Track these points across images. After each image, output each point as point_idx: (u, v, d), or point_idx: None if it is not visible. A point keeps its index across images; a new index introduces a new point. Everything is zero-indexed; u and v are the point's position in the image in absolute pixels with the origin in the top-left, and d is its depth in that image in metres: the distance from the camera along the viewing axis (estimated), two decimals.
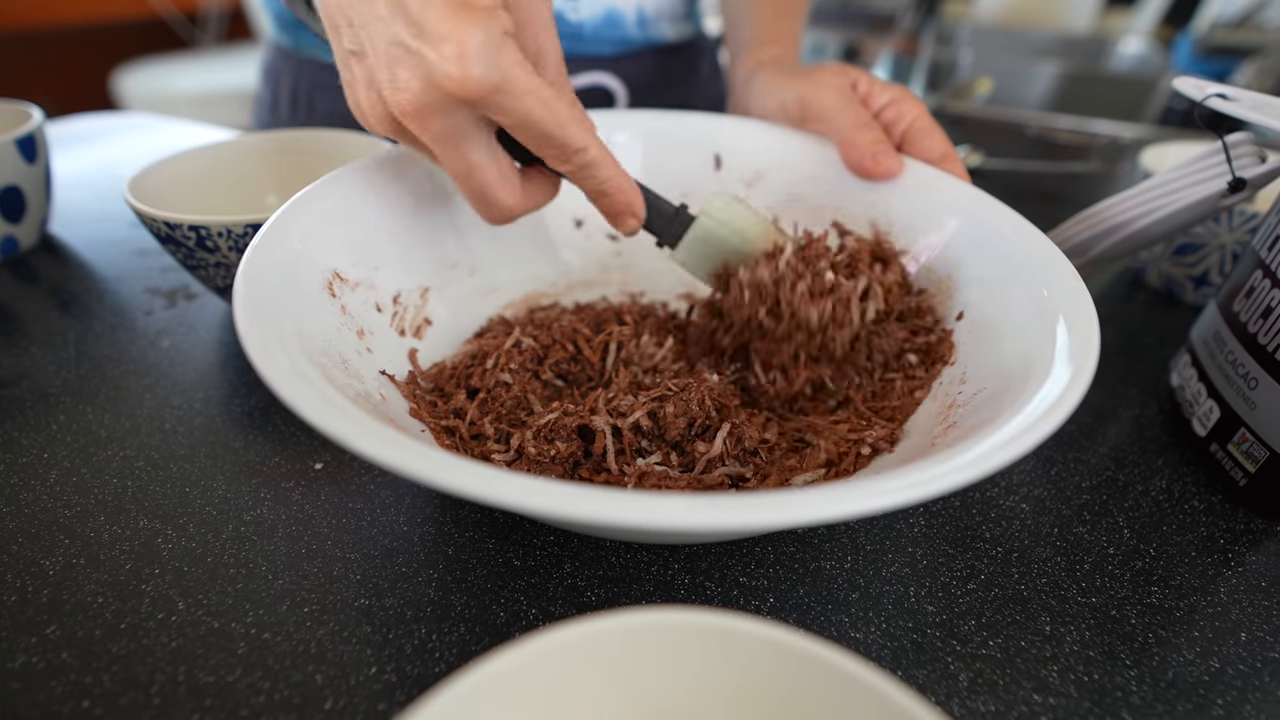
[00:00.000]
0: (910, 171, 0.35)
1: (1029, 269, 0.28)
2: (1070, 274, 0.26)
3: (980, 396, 0.26)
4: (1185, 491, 0.32)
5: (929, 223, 0.34)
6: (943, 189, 0.34)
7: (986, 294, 0.30)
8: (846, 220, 0.37)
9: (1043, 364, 0.23)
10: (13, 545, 0.27)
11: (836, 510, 0.16)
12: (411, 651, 0.24)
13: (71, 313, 0.43)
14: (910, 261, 0.34)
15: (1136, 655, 0.25)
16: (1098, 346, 0.22)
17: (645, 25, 0.57)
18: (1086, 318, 0.24)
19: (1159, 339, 0.42)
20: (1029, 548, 0.29)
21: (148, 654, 0.23)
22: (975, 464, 0.18)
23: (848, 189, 0.37)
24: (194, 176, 0.44)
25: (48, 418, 0.34)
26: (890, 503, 0.17)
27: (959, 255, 0.33)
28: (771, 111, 0.40)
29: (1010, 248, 0.30)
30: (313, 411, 0.18)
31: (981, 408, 0.25)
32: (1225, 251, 0.43)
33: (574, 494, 0.17)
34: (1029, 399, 0.21)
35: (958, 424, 0.25)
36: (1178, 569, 0.28)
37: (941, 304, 0.32)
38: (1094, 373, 0.21)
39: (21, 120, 0.49)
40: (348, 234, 0.31)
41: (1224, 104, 0.30)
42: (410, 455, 0.17)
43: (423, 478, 0.17)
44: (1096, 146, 0.78)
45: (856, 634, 0.25)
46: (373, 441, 0.17)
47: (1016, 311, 0.28)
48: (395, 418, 0.27)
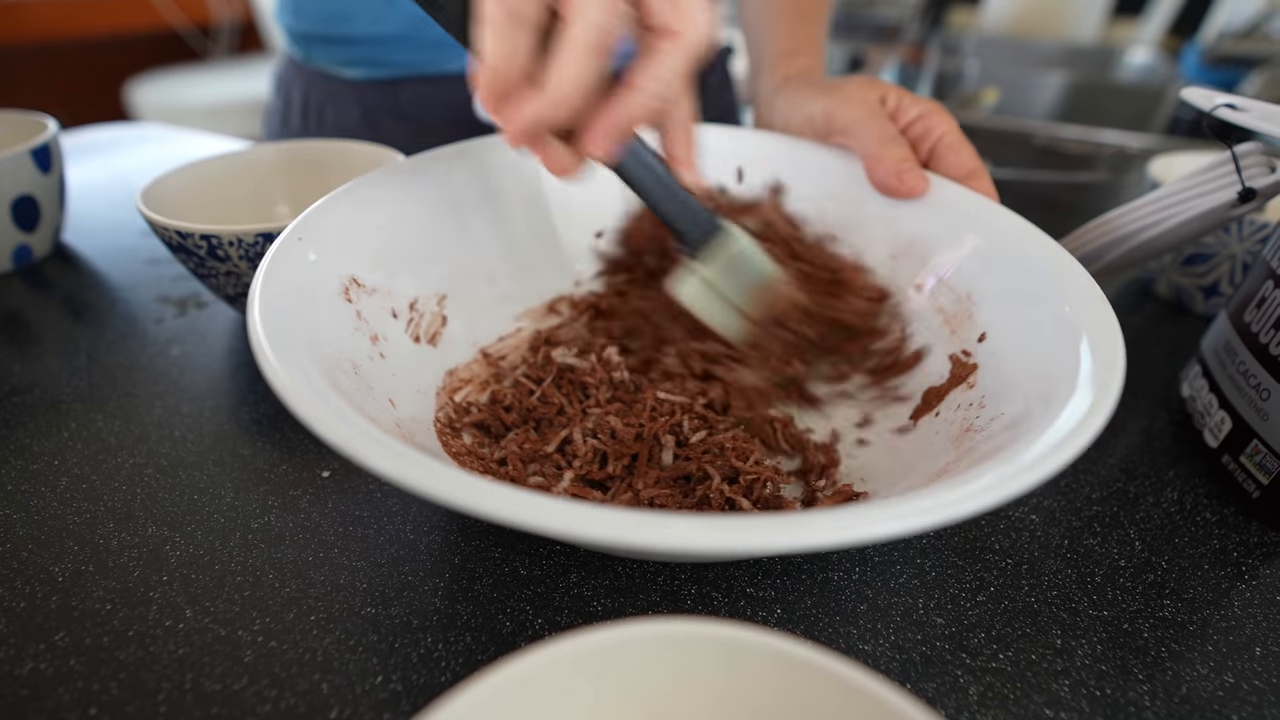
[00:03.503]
0: (935, 189, 0.35)
1: (1053, 290, 0.27)
2: (1098, 298, 0.25)
3: (999, 422, 0.25)
4: (1197, 504, 0.31)
5: (950, 239, 0.34)
6: (966, 207, 0.33)
7: (1008, 314, 0.29)
8: (868, 237, 0.37)
9: (1065, 390, 0.22)
10: (22, 551, 0.27)
11: (838, 537, 0.16)
12: (417, 660, 0.24)
13: (84, 321, 0.43)
14: (929, 276, 0.34)
15: (1149, 670, 0.24)
16: (1122, 374, 0.22)
17: None
18: (1112, 342, 0.23)
19: (1168, 349, 0.42)
20: (1039, 560, 0.28)
21: (155, 661, 0.23)
22: (985, 493, 0.18)
23: (870, 205, 0.37)
24: (205, 186, 0.44)
25: (59, 425, 0.34)
26: (889, 531, 0.17)
27: (980, 274, 0.32)
28: (798, 126, 0.39)
29: (1034, 267, 0.29)
30: (330, 432, 0.19)
31: (1000, 433, 0.24)
32: (1235, 261, 0.43)
33: (613, 518, 0.16)
34: (1048, 426, 0.20)
35: (974, 449, 0.25)
36: (1190, 582, 0.28)
37: (961, 324, 0.32)
38: (1117, 401, 0.21)
39: (37, 131, 0.50)
40: (367, 240, 0.31)
41: (1233, 114, 0.30)
42: (428, 475, 0.17)
43: (440, 498, 0.17)
44: (1104, 156, 0.78)
45: (865, 646, 0.25)
46: (392, 463, 0.18)
47: (1038, 334, 0.27)
48: (402, 422, 0.27)
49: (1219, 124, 0.31)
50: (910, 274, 0.35)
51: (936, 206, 0.35)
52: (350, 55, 0.55)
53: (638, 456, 0.29)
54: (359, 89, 0.56)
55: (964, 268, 0.33)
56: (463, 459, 0.28)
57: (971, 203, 0.34)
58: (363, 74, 0.56)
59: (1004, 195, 0.34)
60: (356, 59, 0.55)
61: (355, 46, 0.54)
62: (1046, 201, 0.65)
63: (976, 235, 0.33)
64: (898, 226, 0.36)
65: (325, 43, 0.56)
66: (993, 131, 0.87)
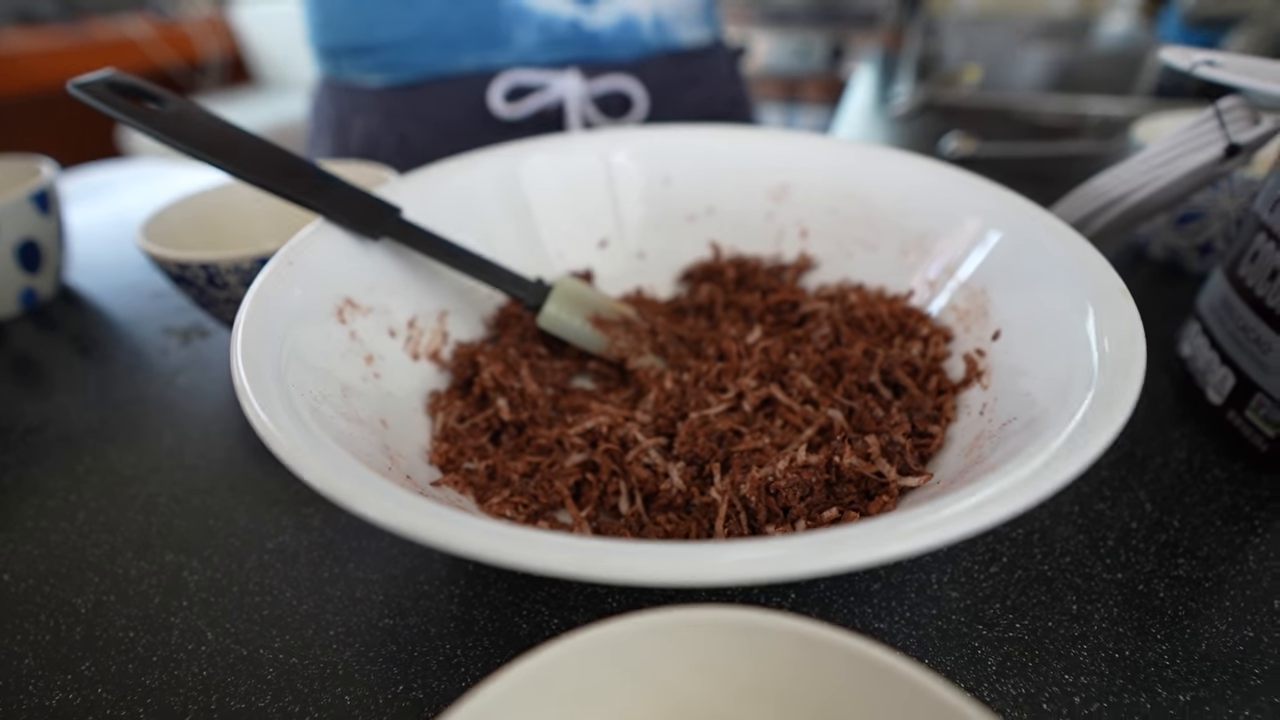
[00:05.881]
0: (941, 179, 0.34)
1: (1069, 283, 0.26)
2: (1118, 290, 0.24)
3: (1012, 426, 0.24)
4: (1205, 461, 0.31)
5: (959, 230, 0.33)
6: (976, 196, 0.33)
7: (1021, 310, 0.28)
8: (877, 233, 0.37)
9: (1079, 391, 0.21)
10: (45, 586, 0.28)
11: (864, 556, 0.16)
12: (437, 668, 0.24)
13: (91, 358, 0.44)
14: (941, 271, 0.34)
15: (1167, 629, 0.24)
16: (1142, 373, 0.21)
17: (661, 30, 0.58)
18: (1131, 339, 0.22)
19: (1164, 312, 0.42)
20: (1050, 527, 0.28)
21: (180, 685, 0.24)
22: (990, 505, 0.17)
23: (878, 202, 0.37)
24: (203, 218, 0.45)
25: (73, 460, 0.34)
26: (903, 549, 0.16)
27: (994, 269, 0.31)
28: None
29: (1050, 261, 0.28)
30: (309, 473, 0.18)
31: (1011, 437, 0.23)
32: (1228, 218, 0.43)
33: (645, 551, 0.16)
34: (1060, 432, 0.20)
35: (984, 458, 0.23)
36: (1204, 540, 0.28)
37: (975, 321, 0.31)
38: (1135, 401, 0.20)
39: (35, 175, 0.50)
40: (362, 261, 0.31)
41: (1212, 70, 0.30)
42: (416, 517, 0.17)
43: (429, 541, 0.17)
44: (1089, 125, 0.78)
45: (880, 624, 0.25)
46: (372, 505, 0.17)
47: (1054, 330, 0.26)
48: (391, 445, 0.27)
49: (1205, 82, 0.31)
50: (920, 268, 0.35)
51: (944, 200, 0.34)
52: (374, 61, 0.57)
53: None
54: (381, 95, 0.58)
55: (979, 263, 0.32)
56: (459, 485, 0.28)
57: (984, 193, 0.33)
58: (384, 79, 0.58)
59: (992, 171, 0.34)
60: (379, 64, 0.57)
61: (378, 52, 0.56)
62: (1035, 174, 0.65)
63: (991, 226, 0.32)
64: (905, 221, 0.36)
65: (352, 53, 0.58)
66: (977, 109, 0.87)
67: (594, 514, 0.28)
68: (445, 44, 0.55)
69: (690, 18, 0.60)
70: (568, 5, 0.54)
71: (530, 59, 0.55)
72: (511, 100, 0.55)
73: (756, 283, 0.38)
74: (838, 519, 0.24)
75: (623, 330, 0.35)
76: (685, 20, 0.59)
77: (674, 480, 0.27)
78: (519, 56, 0.55)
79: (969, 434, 0.27)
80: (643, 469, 0.28)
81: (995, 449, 0.23)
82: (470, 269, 0.33)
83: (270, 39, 2.27)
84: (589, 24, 0.55)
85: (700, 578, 0.16)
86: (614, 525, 0.27)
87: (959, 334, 0.32)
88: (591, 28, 0.55)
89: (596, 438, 0.30)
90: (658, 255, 0.42)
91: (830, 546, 0.16)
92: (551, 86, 0.54)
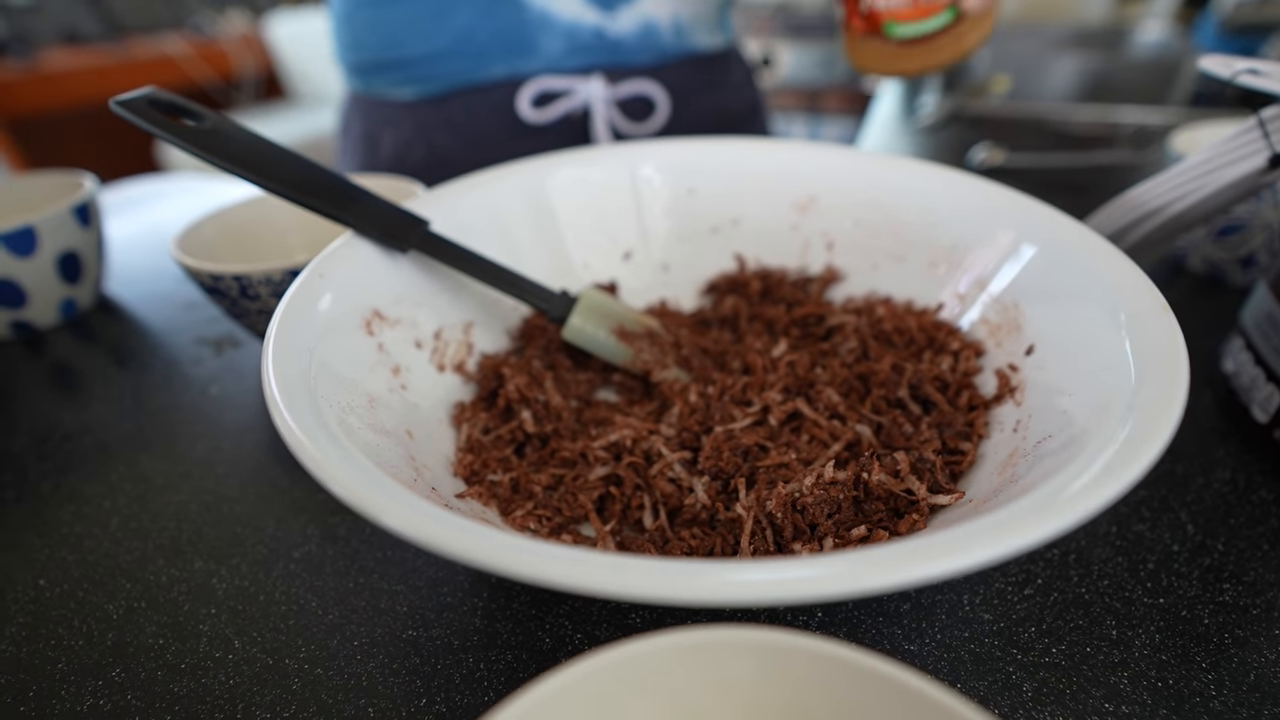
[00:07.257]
0: (970, 190, 0.34)
1: (1107, 297, 0.25)
2: (1159, 305, 0.24)
3: (1047, 444, 0.23)
4: (1251, 482, 0.30)
5: (990, 241, 0.33)
6: (1008, 208, 0.32)
7: (1056, 325, 0.28)
8: (905, 245, 0.36)
9: (1119, 410, 0.21)
10: (78, 592, 0.28)
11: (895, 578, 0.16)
12: (460, 681, 0.24)
13: (128, 367, 0.45)
14: (979, 291, 0.33)
15: (1213, 657, 0.23)
16: (1185, 390, 0.20)
17: (681, 35, 0.59)
18: (1172, 356, 0.21)
19: (1205, 325, 0.40)
20: (1086, 548, 0.27)
21: (207, 693, 0.24)
22: (1028, 526, 0.16)
23: (906, 214, 0.36)
24: (236, 231, 0.46)
25: (108, 468, 0.35)
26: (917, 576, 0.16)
27: (1027, 282, 0.30)
28: None
29: (1085, 274, 0.27)
30: (341, 488, 0.18)
31: (1048, 456, 0.22)
32: (1271, 230, 0.41)
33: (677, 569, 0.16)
34: (1100, 451, 0.19)
35: (1019, 477, 0.23)
36: (1250, 564, 0.26)
37: (1008, 335, 0.30)
38: (1180, 418, 0.19)
39: (77, 189, 0.52)
40: (390, 274, 0.32)
41: (1255, 79, 0.29)
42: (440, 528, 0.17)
43: (443, 551, 0.17)
44: (1123, 135, 0.76)
45: (910, 646, 0.24)
46: (404, 520, 0.17)
47: (1090, 346, 0.25)
48: (417, 456, 0.27)
49: (1243, 91, 0.30)
50: (950, 281, 0.34)
51: (974, 211, 0.34)
52: (403, 76, 0.58)
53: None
54: (411, 108, 0.59)
55: (1011, 276, 0.31)
56: (483, 498, 0.28)
57: (1015, 204, 0.32)
58: (414, 92, 0.59)
59: (1022, 182, 0.33)
60: (409, 78, 0.58)
61: (408, 67, 0.58)
62: (1067, 185, 0.64)
63: (1024, 239, 0.31)
64: (933, 233, 0.35)
65: (382, 69, 0.59)
66: (1006, 119, 0.86)
67: (618, 528, 0.28)
68: (474, 55, 0.56)
69: (707, 24, 0.61)
70: (591, 13, 0.55)
71: (556, 66, 0.56)
72: (539, 106, 0.56)
73: (782, 295, 0.38)
74: (866, 537, 0.24)
75: (647, 343, 0.35)
76: (703, 26, 0.60)
77: (699, 495, 0.27)
78: (546, 64, 0.56)
79: (1002, 451, 0.26)
80: (667, 483, 0.28)
81: (1031, 468, 0.23)
82: (496, 281, 0.33)
83: (303, 55, 2.33)
84: (612, 30, 0.56)
85: (722, 598, 0.15)
86: (638, 540, 0.27)
87: (990, 349, 0.31)
88: (614, 34, 0.56)
89: (621, 451, 0.30)
90: (682, 267, 0.42)
91: (859, 569, 0.16)
92: (577, 91, 0.56)
